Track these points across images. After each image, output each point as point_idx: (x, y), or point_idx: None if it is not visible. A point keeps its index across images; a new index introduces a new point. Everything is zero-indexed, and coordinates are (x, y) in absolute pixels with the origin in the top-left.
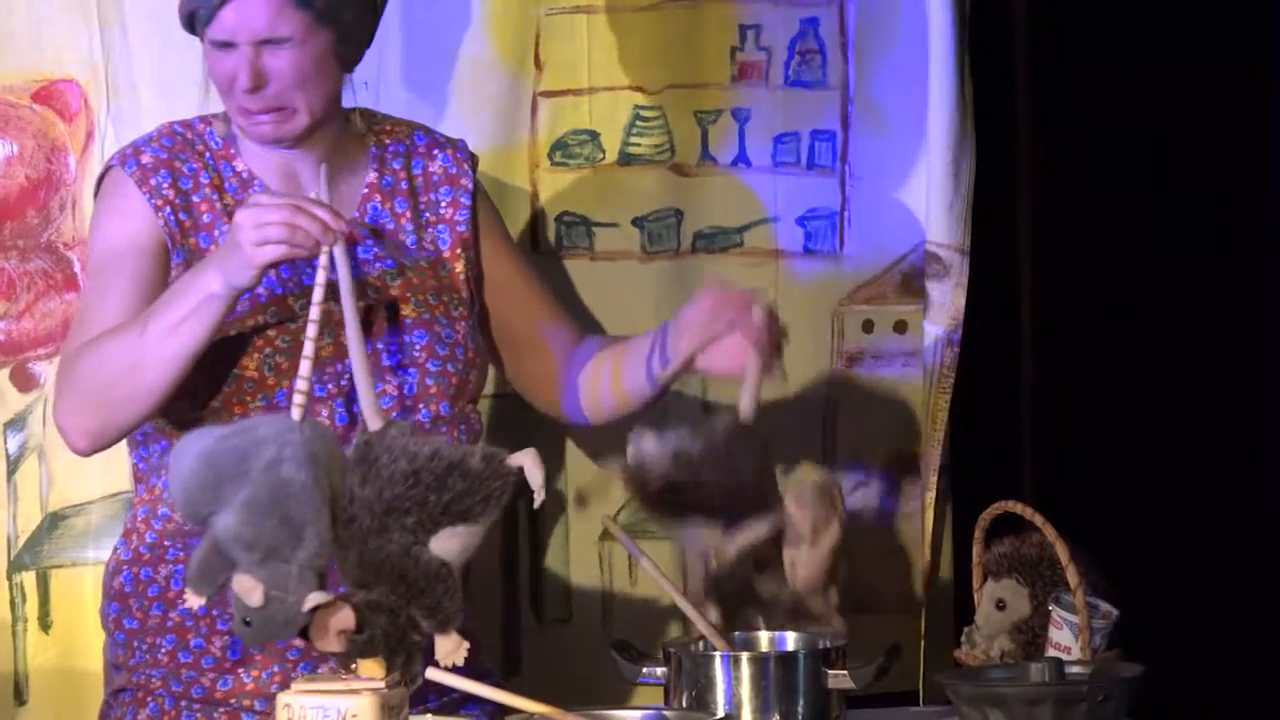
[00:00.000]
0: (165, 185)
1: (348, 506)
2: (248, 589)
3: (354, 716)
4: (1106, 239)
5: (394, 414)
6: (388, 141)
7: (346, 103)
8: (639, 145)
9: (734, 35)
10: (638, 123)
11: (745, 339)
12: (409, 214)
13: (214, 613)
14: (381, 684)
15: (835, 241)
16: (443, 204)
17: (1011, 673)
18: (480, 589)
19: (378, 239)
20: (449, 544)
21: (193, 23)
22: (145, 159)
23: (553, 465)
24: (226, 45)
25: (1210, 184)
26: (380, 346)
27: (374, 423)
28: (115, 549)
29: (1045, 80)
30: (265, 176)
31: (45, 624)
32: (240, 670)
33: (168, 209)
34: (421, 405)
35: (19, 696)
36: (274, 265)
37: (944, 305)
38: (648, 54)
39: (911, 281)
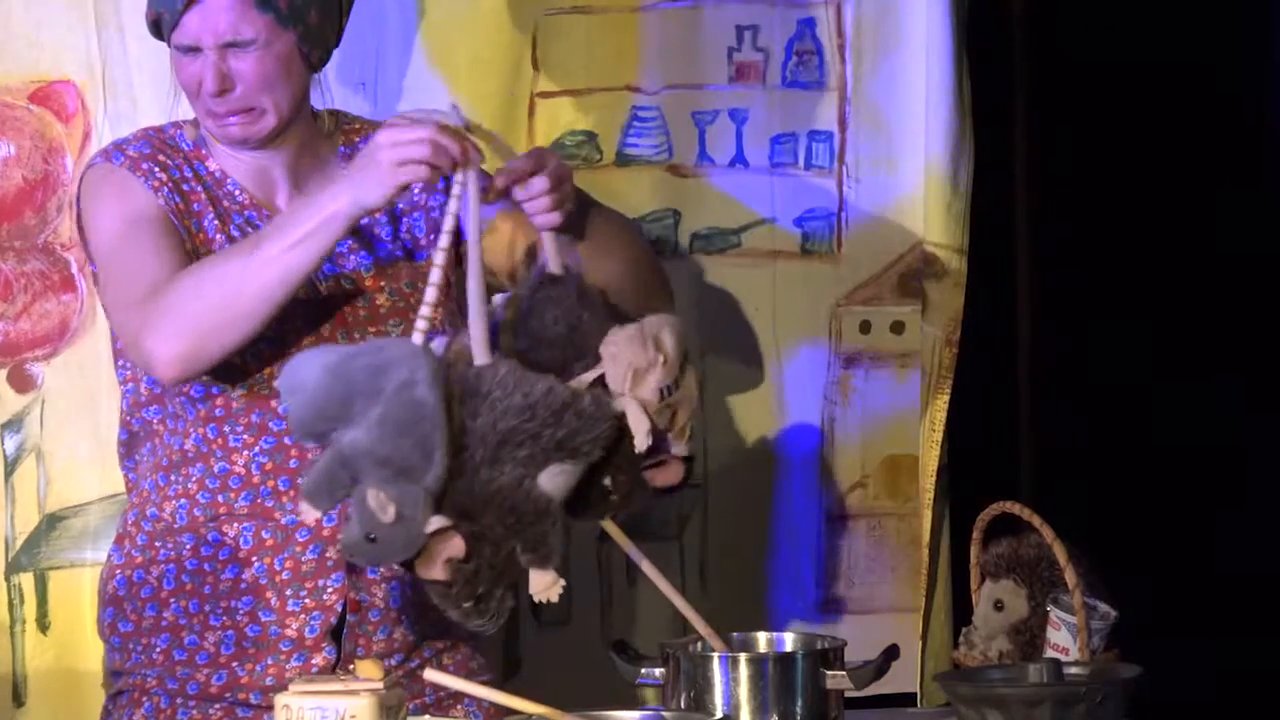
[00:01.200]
0: (157, 170)
1: (458, 437)
2: (382, 503)
3: (352, 717)
4: (1105, 239)
5: None
6: (356, 140)
7: (316, 103)
8: (636, 146)
9: (731, 36)
10: (635, 123)
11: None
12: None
13: (206, 608)
14: (379, 685)
15: (833, 242)
16: (415, 192)
17: (1010, 674)
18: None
19: (352, 234)
20: (556, 480)
21: (158, 28)
22: (130, 152)
23: None
24: (192, 50)
25: (1211, 184)
26: (357, 336)
27: (482, 357)
28: (109, 556)
29: (1044, 81)
30: (237, 176)
31: (43, 625)
32: (234, 665)
33: (165, 189)
34: None
35: (17, 698)
36: (408, 186)
37: (942, 306)
38: (645, 55)
39: (909, 282)
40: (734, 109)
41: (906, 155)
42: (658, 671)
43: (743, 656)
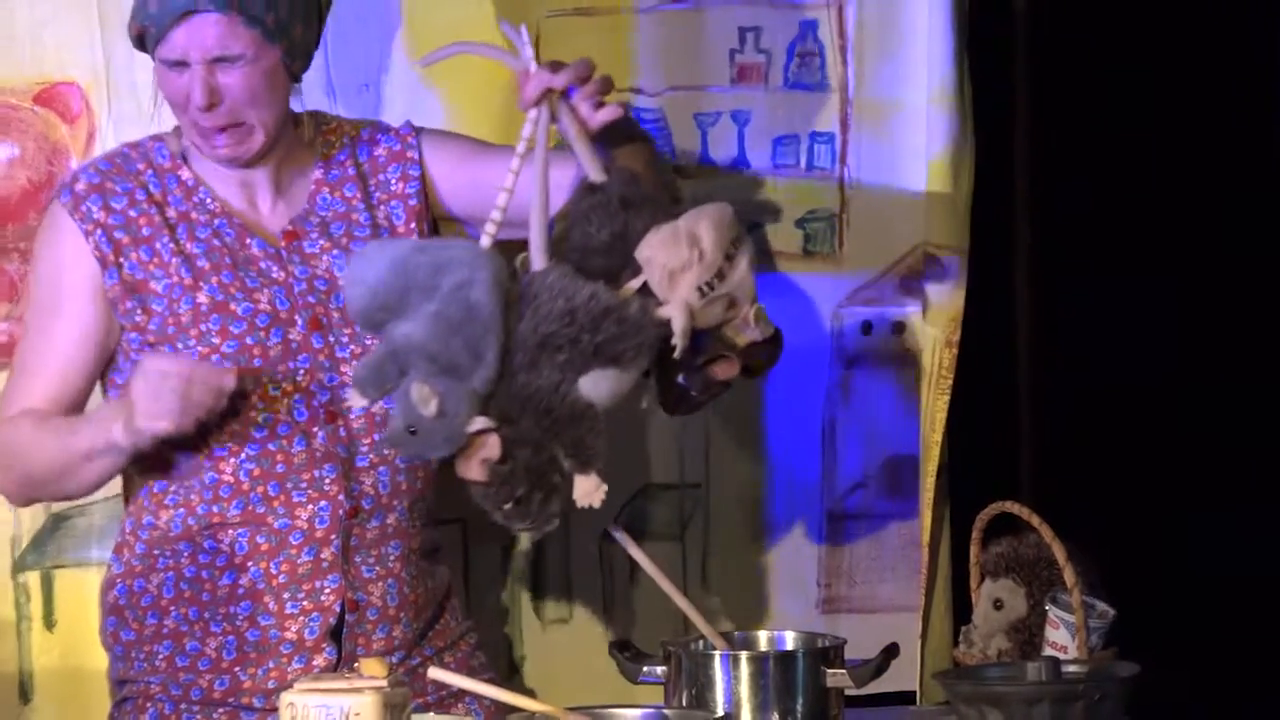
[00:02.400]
0: (96, 209)
1: (506, 341)
2: (425, 397)
3: (357, 715)
4: (1105, 241)
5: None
6: (333, 139)
7: (295, 106)
8: None
9: (733, 38)
10: None
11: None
12: (359, 196)
13: (206, 615)
14: (384, 683)
15: (834, 243)
16: (393, 182)
17: (1009, 672)
18: (481, 591)
19: (324, 234)
20: (598, 386)
21: (142, 41)
22: (79, 186)
23: None
24: (179, 64)
25: (1213, 184)
26: (332, 339)
27: (538, 263)
28: (109, 565)
29: (1045, 82)
30: (214, 184)
31: (49, 623)
32: (236, 669)
33: (99, 231)
34: None
35: (24, 695)
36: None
37: (943, 307)
38: (647, 56)
39: (910, 283)
40: (736, 110)
41: (908, 157)
42: (659, 670)
43: (744, 655)
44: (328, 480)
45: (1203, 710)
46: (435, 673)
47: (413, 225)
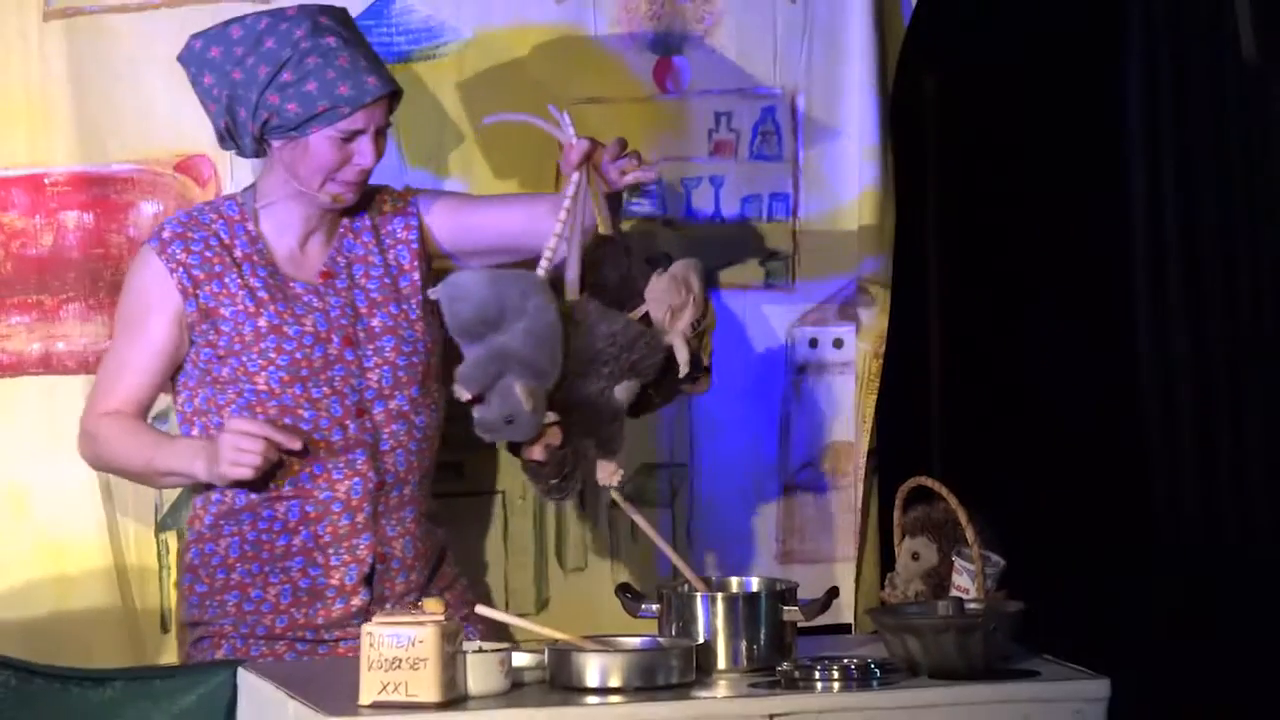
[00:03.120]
0: (179, 251)
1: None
2: (524, 395)
3: (420, 642)
4: (999, 274)
5: (375, 404)
6: (360, 214)
7: None
8: (639, 204)
9: (711, 120)
10: (640, 187)
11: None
12: (373, 242)
13: (266, 570)
14: (442, 617)
15: (789, 277)
16: (399, 231)
17: (923, 609)
18: (517, 546)
19: (349, 273)
20: (626, 392)
21: (311, 118)
22: (165, 234)
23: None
24: (355, 134)
25: (1068, 242)
26: (360, 353)
27: (573, 294)
28: (183, 533)
29: (951, 151)
30: (274, 237)
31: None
32: (292, 610)
33: (180, 270)
34: (397, 392)
35: (164, 626)
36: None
37: (871, 327)
38: (646, 135)
39: (847, 309)
40: (713, 175)
41: (844, 212)
42: (654, 607)
43: (719, 595)
44: (359, 461)
45: (1071, 636)
46: (481, 609)
47: (416, 263)
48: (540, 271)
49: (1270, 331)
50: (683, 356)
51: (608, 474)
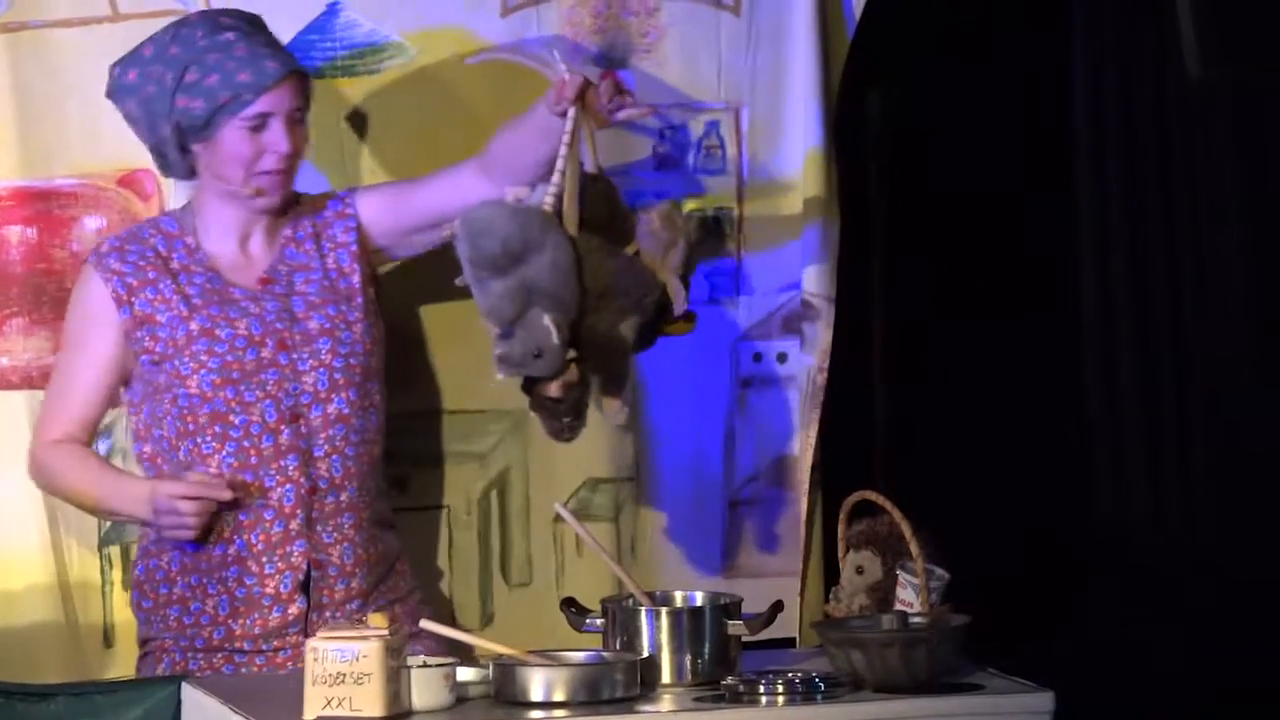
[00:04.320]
0: (114, 262)
1: None
2: (552, 328)
3: (365, 656)
4: (943, 286)
5: (312, 408)
6: (301, 207)
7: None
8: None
9: (655, 134)
10: None
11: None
12: (314, 249)
13: (204, 580)
14: (386, 632)
15: (733, 291)
16: (339, 235)
17: (868, 622)
18: (462, 561)
19: (288, 280)
20: (629, 330)
21: (210, 114)
22: (103, 249)
23: (518, 471)
24: (261, 121)
25: (1017, 249)
26: (295, 356)
27: (572, 229)
28: (136, 549)
29: (894, 165)
30: (213, 244)
31: (127, 586)
32: (230, 621)
33: (115, 279)
34: (334, 395)
35: (107, 641)
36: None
37: (815, 341)
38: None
39: (791, 323)
40: (659, 190)
41: (788, 224)
42: (599, 621)
43: (664, 609)
44: (291, 468)
45: (1015, 650)
46: (425, 624)
47: (355, 265)
48: (546, 207)
49: (1218, 339)
50: (678, 293)
51: (614, 410)
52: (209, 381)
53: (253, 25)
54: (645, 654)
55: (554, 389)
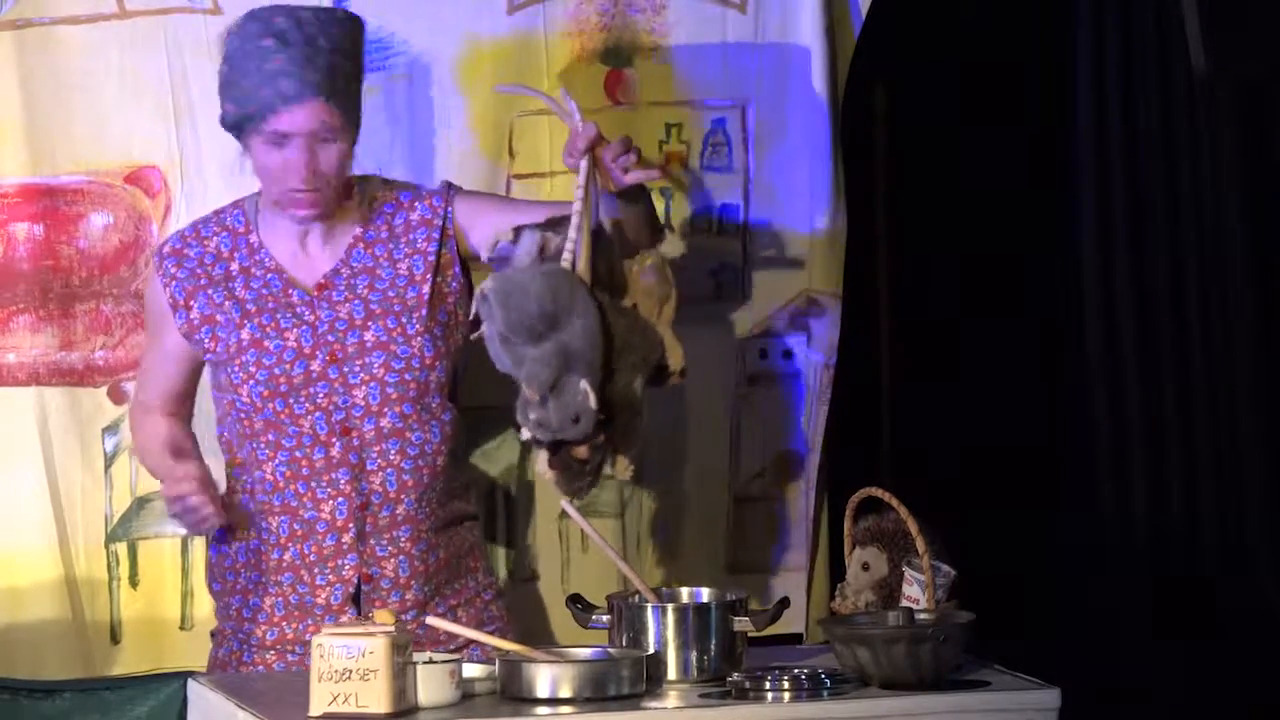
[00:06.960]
0: (172, 266)
1: None
2: (590, 392)
3: (370, 653)
4: (950, 283)
5: (365, 421)
6: (376, 204)
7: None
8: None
9: (661, 131)
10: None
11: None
12: (387, 256)
13: (263, 580)
14: (391, 628)
15: (740, 289)
16: (419, 241)
17: (874, 619)
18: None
19: (349, 285)
20: (640, 386)
21: (239, 121)
22: (165, 249)
23: (524, 467)
24: (282, 139)
25: (1018, 256)
26: (346, 370)
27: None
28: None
29: (899, 167)
30: (275, 243)
31: (134, 582)
32: (284, 624)
33: (174, 284)
34: (387, 409)
35: (114, 638)
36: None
37: (822, 338)
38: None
39: (797, 319)
40: (663, 187)
41: (795, 222)
42: (605, 618)
43: (669, 606)
44: (342, 481)
45: (1021, 646)
46: (433, 620)
47: (429, 275)
48: (564, 264)
49: (1223, 336)
50: (675, 349)
51: (624, 467)
52: (257, 393)
53: (308, 30)
54: (651, 650)
55: (583, 451)
